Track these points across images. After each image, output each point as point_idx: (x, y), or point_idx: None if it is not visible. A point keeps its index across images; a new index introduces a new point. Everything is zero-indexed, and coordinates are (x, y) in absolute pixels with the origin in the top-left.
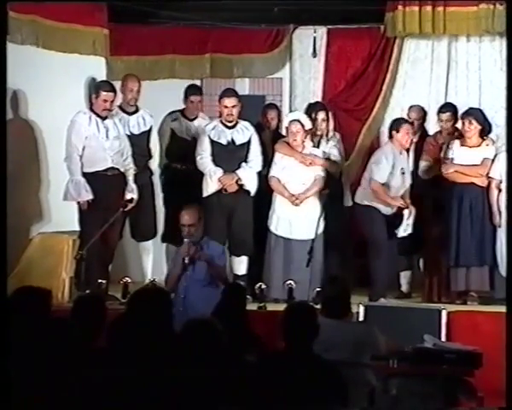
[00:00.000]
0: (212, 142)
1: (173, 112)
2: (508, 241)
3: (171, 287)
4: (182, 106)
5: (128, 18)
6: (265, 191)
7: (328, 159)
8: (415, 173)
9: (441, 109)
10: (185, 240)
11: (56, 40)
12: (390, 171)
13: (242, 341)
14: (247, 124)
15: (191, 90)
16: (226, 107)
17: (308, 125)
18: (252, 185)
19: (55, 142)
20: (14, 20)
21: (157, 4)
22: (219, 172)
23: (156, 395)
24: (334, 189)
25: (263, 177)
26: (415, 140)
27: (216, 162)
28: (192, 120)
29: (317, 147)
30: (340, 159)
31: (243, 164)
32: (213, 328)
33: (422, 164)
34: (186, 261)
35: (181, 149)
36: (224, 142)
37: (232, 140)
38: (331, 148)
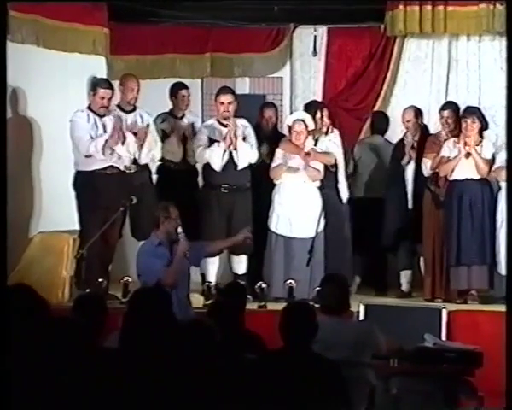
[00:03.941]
0: (210, 139)
1: (161, 114)
2: (507, 240)
3: (173, 284)
4: None
5: (128, 17)
6: (264, 190)
7: (325, 152)
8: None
9: (443, 107)
10: (182, 234)
11: (56, 39)
12: None
13: (242, 340)
14: (243, 121)
15: (179, 86)
16: (222, 103)
17: (311, 125)
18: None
19: (54, 140)
20: (15, 19)
21: (157, 3)
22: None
23: (156, 393)
24: (334, 186)
25: (261, 175)
26: (416, 138)
27: None
28: (180, 118)
29: (315, 145)
30: (338, 151)
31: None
32: (206, 328)
33: (424, 162)
34: (187, 256)
35: (173, 147)
36: (220, 139)
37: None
38: (328, 142)
